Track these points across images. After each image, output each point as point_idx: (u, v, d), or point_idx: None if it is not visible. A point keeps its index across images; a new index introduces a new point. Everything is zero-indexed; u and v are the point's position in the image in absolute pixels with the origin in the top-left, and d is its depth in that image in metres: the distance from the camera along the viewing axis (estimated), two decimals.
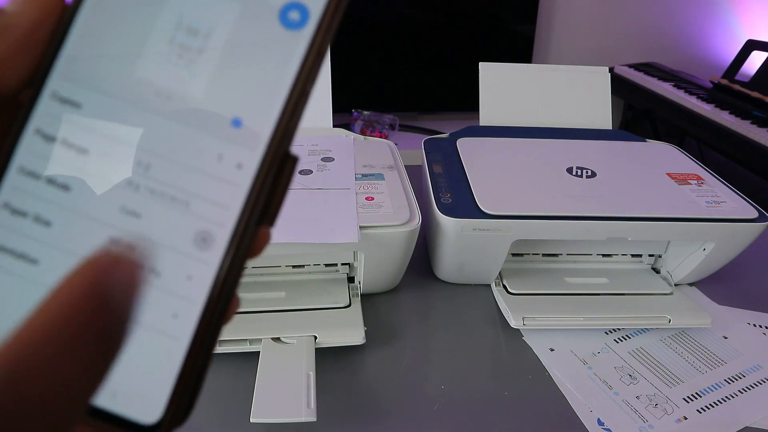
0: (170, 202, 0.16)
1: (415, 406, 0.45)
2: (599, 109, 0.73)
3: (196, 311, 0.16)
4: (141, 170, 0.16)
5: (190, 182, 0.16)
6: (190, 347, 0.16)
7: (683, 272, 0.58)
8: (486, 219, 0.50)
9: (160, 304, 0.16)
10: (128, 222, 0.16)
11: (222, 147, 0.16)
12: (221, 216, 0.16)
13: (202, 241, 0.16)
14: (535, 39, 1.86)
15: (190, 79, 0.16)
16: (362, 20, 1.73)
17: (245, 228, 0.16)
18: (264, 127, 0.16)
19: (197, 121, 0.16)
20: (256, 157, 0.16)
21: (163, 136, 0.16)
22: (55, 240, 0.16)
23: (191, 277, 0.16)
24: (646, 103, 1.74)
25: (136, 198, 0.16)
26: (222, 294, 0.16)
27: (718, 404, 0.46)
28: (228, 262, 0.16)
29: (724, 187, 0.57)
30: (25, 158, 0.16)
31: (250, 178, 0.16)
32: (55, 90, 0.16)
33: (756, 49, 1.62)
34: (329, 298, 0.52)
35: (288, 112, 0.16)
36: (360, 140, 0.65)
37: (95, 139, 0.16)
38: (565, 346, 0.51)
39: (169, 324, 0.16)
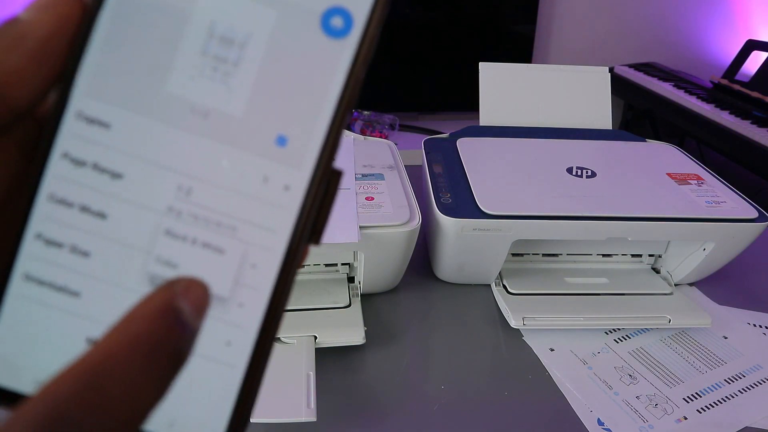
0: (216, 228, 0.15)
1: (415, 406, 0.45)
2: (599, 109, 0.73)
3: (249, 338, 0.15)
4: (182, 195, 0.15)
5: (235, 207, 0.15)
6: (245, 373, 0.15)
7: (683, 272, 0.58)
8: (486, 219, 0.50)
9: (213, 332, 0.15)
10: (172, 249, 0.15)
11: (267, 168, 0.15)
12: (270, 240, 0.15)
13: (252, 267, 0.15)
14: (535, 39, 1.87)
15: (227, 94, 0.15)
16: None
17: (296, 250, 0.16)
18: (311, 145, 0.15)
19: (239, 140, 0.15)
20: (304, 178, 0.15)
21: (204, 157, 0.15)
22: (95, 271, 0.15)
23: (242, 304, 0.15)
24: (646, 103, 1.74)
25: (179, 224, 0.15)
26: (274, 320, 0.16)
27: (718, 404, 0.46)
28: (279, 286, 0.15)
29: (724, 187, 0.57)
30: (54, 185, 0.15)
31: (299, 200, 0.15)
32: (81, 109, 0.15)
33: (756, 49, 1.62)
34: (329, 298, 0.52)
35: (336, 126, 0.15)
36: (360, 140, 0.65)
37: (129, 162, 0.15)
38: (565, 346, 0.51)
39: (224, 352, 0.15)
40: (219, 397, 0.15)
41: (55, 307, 0.15)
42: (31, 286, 0.15)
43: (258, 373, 0.16)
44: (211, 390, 0.15)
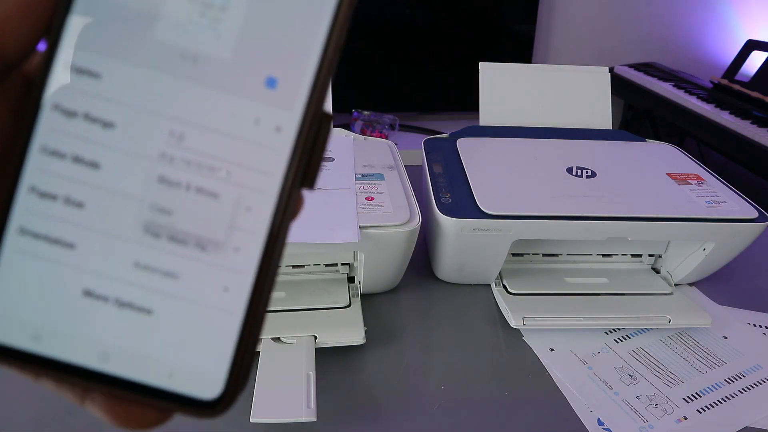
0: (209, 172, 0.15)
1: (415, 406, 0.45)
2: (599, 109, 0.73)
3: (247, 283, 0.15)
4: (174, 141, 0.15)
5: (228, 150, 0.15)
6: (244, 320, 0.15)
7: (683, 272, 0.58)
8: (486, 219, 0.50)
9: (210, 279, 0.15)
10: (167, 196, 0.15)
11: (258, 110, 0.15)
12: (264, 183, 0.15)
13: (247, 209, 0.15)
14: (535, 39, 1.87)
15: (215, 39, 0.15)
16: (362, 20, 1.73)
17: (289, 193, 0.15)
18: (301, 86, 0.15)
19: (229, 83, 0.15)
20: (295, 119, 0.15)
21: (194, 102, 0.15)
22: (90, 221, 0.15)
23: (238, 248, 0.15)
24: (646, 103, 1.74)
25: (173, 171, 0.15)
26: (271, 263, 0.15)
27: (718, 404, 0.46)
28: (274, 230, 0.15)
29: (724, 187, 0.57)
30: (47, 137, 0.15)
31: (290, 141, 0.15)
32: (70, 60, 0.15)
33: (756, 49, 1.62)
34: (329, 298, 0.52)
35: (325, 67, 0.15)
36: (360, 140, 0.65)
37: (120, 110, 0.15)
38: (565, 346, 0.51)
39: (221, 298, 0.15)
40: (218, 346, 0.15)
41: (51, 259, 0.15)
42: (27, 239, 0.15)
43: (257, 321, 0.15)
44: (209, 338, 0.15)
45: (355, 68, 1.74)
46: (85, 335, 0.15)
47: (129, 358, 0.15)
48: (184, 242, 0.15)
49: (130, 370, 0.15)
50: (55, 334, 0.15)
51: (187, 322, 0.15)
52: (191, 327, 0.15)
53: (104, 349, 0.15)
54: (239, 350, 0.15)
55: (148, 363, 0.15)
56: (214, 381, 0.15)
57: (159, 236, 0.15)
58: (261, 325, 0.16)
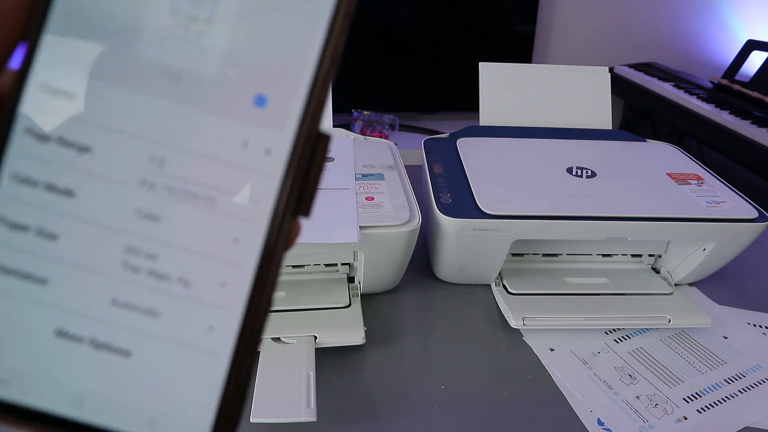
0: (193, 200, 0.14)
1: (415, 406, 0.45)
2: (599, 109, 0.73)
3: (235, 321, 0.14)
4: (154, 166, 0.14)
5: (212, 175, 0.14)
6: (231, 360, 0.14)
7: (683, 272, 0.58)
8: (486, 219, 0.50)
9: (193, 316, 0.14)
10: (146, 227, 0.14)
11: (246, 131, 0.14)
12: (253, 211, 0.14)
13: (234, 241, 0.14)
14: (535, 39, 1.87)
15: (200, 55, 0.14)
16: (362, 20, 1.73)
17: (281, 222, 0.14)
18: (293, 104, 0.14)
19: (214, 103, 0.14)
20: (286, 140, 0.14)
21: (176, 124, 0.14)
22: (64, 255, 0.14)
23: (225, 283, 0.14)
24: (646, 103, 1.74)
25: (153, 199, 0.14)
26: (262, 299, 0.14)
27: (718, 404, 0.46)
28: (266, 263, 0.14)
29: (724, 187, 0.57)
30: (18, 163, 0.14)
31: (281, 164, 0.14)
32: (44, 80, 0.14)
33: (756, 49, 1.62)
34: (329, 298, 0.52)
35: (319, 84, 0.14)
36: (360, 140, 0.65)
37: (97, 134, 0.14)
38: (565, 346, 0.51)
39: (206, 338, 0.14)
40: (203, 390, 0.14)
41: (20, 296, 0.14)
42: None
43: (245, 362, 0.14)
44: (193, 382, 0.14)
45: (355, 68, 1.74)
46: (56, 379, 0.14)
47: (105, 404, 0.14)
48: (165, 277, 0.14)
49: (107, 417, 0.14)
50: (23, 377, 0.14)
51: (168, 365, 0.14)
52: (173, 370, 0.14)
53: (78, 395, 0.14)
54: (227, 394, 0.14)
55: (126, 410, 0.14)
56: (199, 428, 0.14)
57: (138, 271, 0.14)
58: (251, 366, 0.14)
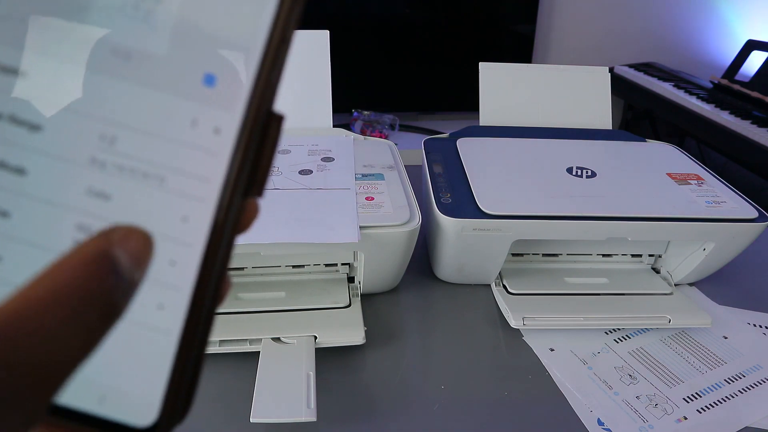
0: (142, 178, 0.14)
1: (415, 406, 0.45)
2: (599, 109, 0.73)
3: (184, 299, 0.14)
4: (105, 145, 0.14)
5: (162, 154, 0.14)
6: (181, 339, 0.14)
7: (683, 272, 0.58)
8: (486, 219, 0.50)
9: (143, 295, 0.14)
10: (97, 206, 0.14)
11: (195, 110, 0.14)
12: (202, 190, 0.14)
13: (183, 220, 0.14)
14: (535, 39, 1.87)
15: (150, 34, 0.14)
16: (362, 20, 1.73)
17: (230, 201, 0.14)
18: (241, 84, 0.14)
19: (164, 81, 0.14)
20: (235, 119, 0.14)
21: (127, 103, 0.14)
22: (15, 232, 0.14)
23: (174, 262, 0.14)
24: (646, 103, 1.74)
25: (103, 177, 0.14)
26: (211, 278, 0.14)
27: (718, 404, 0.46)
28: (214, 243, 0.14)
29: (724, 187, 0.57)
30: None
31: (230, 143, 0.14)
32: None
33: (756, 49, 1.62)
34: (329, 298, 0.52)
35: (268, 62, 0.14)
36: (360, 140, 0.65)
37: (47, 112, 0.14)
38: (565, 346, 0.51)
39: (155, 316, 0.14)
40: (152, 368, 0.14)
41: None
42: None
43: (196, 342, 0.14)
44: (143, 360, 0.14)
45: (355, 68, 1.74)
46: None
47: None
48: None
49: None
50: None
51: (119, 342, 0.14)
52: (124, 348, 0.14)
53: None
54: (176, 373, 0.14)
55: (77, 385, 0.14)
56: (148, 406, 0.14)
57: None
58: (203, 347, 0.14)
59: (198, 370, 0.14)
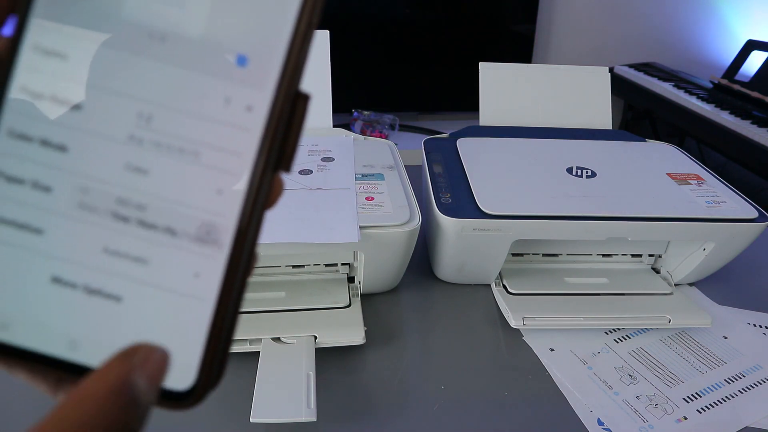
0: (178, 154, 0.15)
1: (415, 406, 0.45)
2: (599, 109, 0.73)
3: (218, 268, 0.15)
4: (143, 123, 0.15)
5: (197, 131, 0.15)
6: (217, 306, 0.15)
7: (683, 272, 0.58)
8: (486, 219, 0.50)
9: (180, 264, 0.15)
10: (135, 180, 0.15)
11: (228, 89, 0.15)
12: (235, 164, 0.15)
13: (218, 192, 0.15)
14: (535, 39, 1.87)
15: (184, 17, 0.15)
16: (362, 20, 1.73)
17: (262, 175, 0.15)
18: (272, 63, 0.15)
19: (198, 62, 0.15)
20: (266, 98, 0.15)
21: (163, 82, 0.15)
22: (58, 206, 0.15)
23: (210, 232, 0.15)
24: (646, 103, 1.74)
25: (141, 153, 0.15)
26: (244, 247, 0.15)
27: (718, 404, 0.46)
28: (248, 212, 0.15)
29: (724, 187, 0.57)
30: (13, 119, 0.15)
31: (262, 120, 0.15)
32: (37, 41, 0.15)
33: (756, 49, 1.62)
34: (329, 298, 0.52)
35: (297, 44, 0.15)
36: (360, 140, 0.65)
37: (88, 92, 0.15)
38: (565, 346, 0.51)
39: (192, 284, 0.15)
40: (189, 334, 0.15)
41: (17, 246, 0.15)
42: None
43: (230, 309, 0.15)
44: (180, 326, 0.15)
45: (355, 68, 1.74)
46: (53, 323, 0.15)
47: (98, 346, 0.15)
48: (153, 226, 0.15)
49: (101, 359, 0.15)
50: (23, 322, 0.15)
51: (156, 310, 0.15)
52: (161, 314, 0.15)
53: (73, 338, 0.15)
54: (212, 339, 0.15)
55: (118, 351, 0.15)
56: (185, 371, 0.15)
57: (128, 221, 0.15)
58: (235, 315, 0.15)
59: (230, 338, 0.15)
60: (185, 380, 0.15)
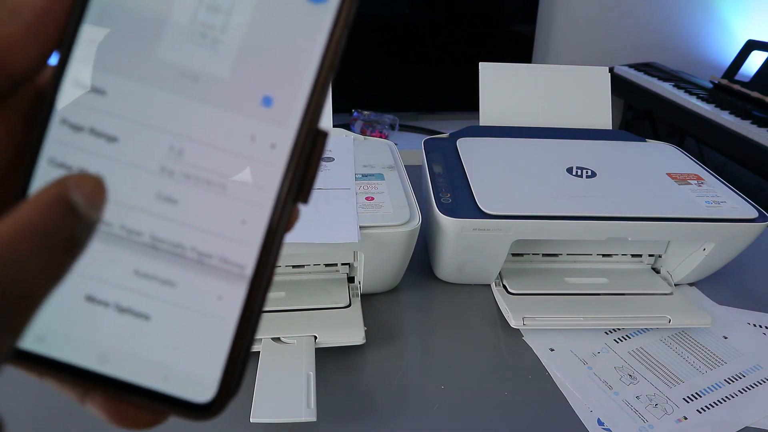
0: (206, 185, 0.16)
1: (415, 406, 0.45)
2: (599, 109, 0.73)
3: (240, 292, 0.16)
4: (174, 156, 0.16)
5: (224, 165, 0.16)
6: (237, 326, 0.16)
7: (683, 272, 0.58)
8: (486, 219, 0.50)
9: (204, 287, 0.16)
10: (165, 209, 0.16)
11: (254, 127, 0.16)
12: (258, 197, 0.16)
13: (241, 223, 0.16)
14: (535, 39, 1.87)
15: (215, 59, 0.16)
16: (362, 20, 1.73)
17: (283, 207, 0.16)
18: (295, 105, 0.16)
19: (227, 101, 0.16)
20: (289, 136, 0.16)
21: (193, 119, 0.16)
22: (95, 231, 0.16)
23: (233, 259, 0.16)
24: (646, 103, 1.74)
25: (171, 184, 0.16)
26: (264, 274, 0.16)
27: (718, 404, 0.46)
28: (269, 242, 0.16)
29: (724, 187, 0.57)
30: (54, 149, 0.16)
31: (285, 157, 0.16)
32: (78, 77, 0.16)
33: (756, 49, 1.62)
34: (329, 298, 0.52)
35: (318, 87, 0.16)
36: (360, 140, 0.65)
37: (124, 125, 0.16)
38: (565, 346, 0.51)
39: (215, 306, 0.16)
40: (211, 351, 0.16)
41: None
42: None
43: (250, 329, 0.16)
44: (203, 344, 0.16)
45: (355, 68, 1.74)
46: (86, 338, 0.16)
47: (127, 360, 0.16)
48: (181, 252, 0.16)
49: (128, 372, 0.16)
50: (58, 336, 0.16)
51: (182, 328, 0.16)
52: (186, 333, 0.16)
53: (104, 352, 0.16)
54: (232, 356, 0.16)
55: (144, 366, 0.16)
56: (207, 385, 0.16)
57: (158, 247, 0.16)
58: (254, 333, 0.16)
59: (249, 353, 0.16)
60: (207, 393, 0.16)
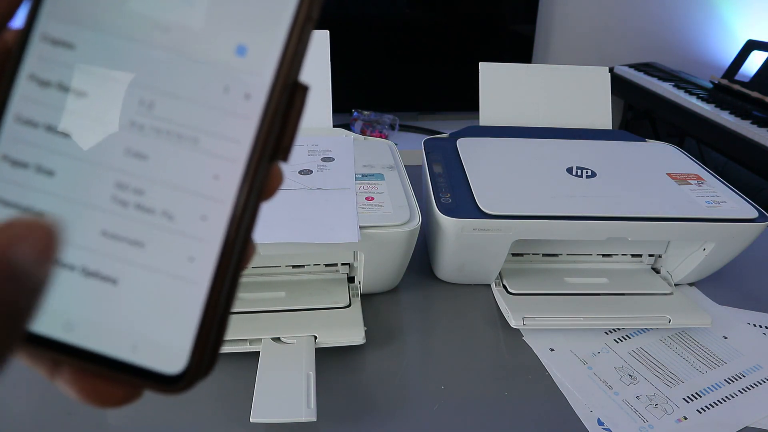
0: (177, 140, 0.15)
1: (415, 406, 0.45)
2: (599, 109, 0.73)
3: (213, 253, 0.15)
4: (144, 109, 0.15)
5: (196, 118, 0.15)
6: (210, 291, 0.15)
7: (683, 272, 0.58)
8: (486, 219, 0.50)
9: (175, 247, 0.15)
10: (135, 165, 0.15)
11: (228, 77, 0.15)
12: (233, 151, 0.15)
13: (215, 178, 0.15)
14: (535, 39, 1.87)
15: (187, 9, 0.15)
16: (362, 20, 1.73)
17: (258, 163, 0.15)
18: (270, 54, 0.15)
19: (199, 52, 0.15)
20: (264, 86, 0.15)
21: (165, 71, 0.15)
22: (60, 190, 0.15)
23: (205, 217, 0.15)
24: (646, 103, 1.74)
25: (142, 139, 0.15)
26: (239, 233, 0.15)
27: (718, 404, 0.46)
28: (243, 200, 0.15)
29: (724, 187, 0.57)
30: (21, 106, 0.15)
31: (259, 108, 0.15)
32: (46, 31, 0.15)
33: (756, 49, 1.62)
34: (329, 298, 0.52)
35: (295, 36, 0.16)
36: (360, 140, 0.65)
37: (93, 80, 0.15)
38: (565, 346, 0.51)
39: (187, 268, 0.15)
40: (181, 317, 0.15)
41: None
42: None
43: (222, 297, 0.15)
44: (173, 309, 0.15)
45: (355, 68, 1.74)
46: (49, 304, 0.15)
47: (93, 328, 0.15)
48: (151, 211, 0.15)
49: (94, 341, 0.15)
50: None
51: (151, 293, 0.15)
52: (155, 298, 0.15)
53: (69, 319, 0.15)
54: (204, 324, 0.15)
55: (111, 334, 0.15)
56: (177, 355, 0.15)
57: (126, 205, 0.15)
58: (229, 301, 0.15)
59: (223, 326, 0.15)
60: (177, 364, 0.15)
